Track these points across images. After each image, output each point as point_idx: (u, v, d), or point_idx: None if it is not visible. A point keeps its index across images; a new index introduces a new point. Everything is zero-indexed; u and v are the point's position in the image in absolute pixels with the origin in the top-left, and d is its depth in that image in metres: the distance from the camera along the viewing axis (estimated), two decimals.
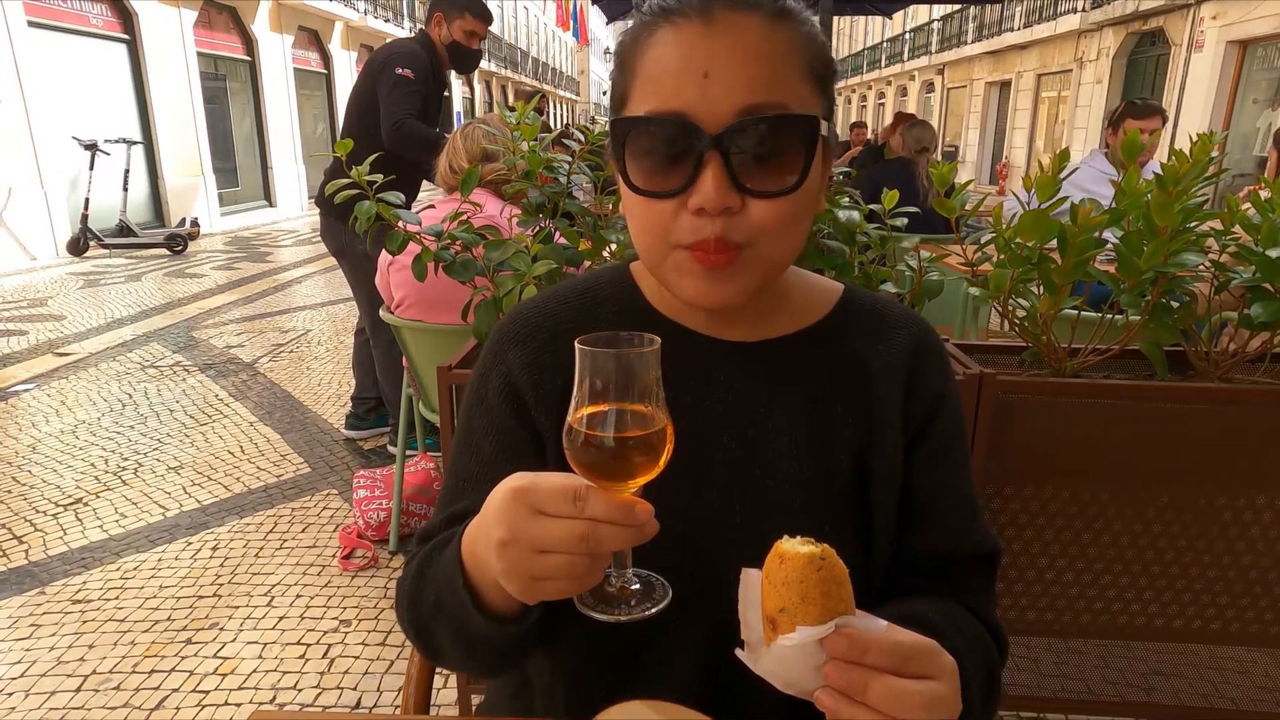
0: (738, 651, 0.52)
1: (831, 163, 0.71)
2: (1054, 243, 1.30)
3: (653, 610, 0.57)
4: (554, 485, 0.52)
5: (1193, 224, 1.21)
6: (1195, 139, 1.18)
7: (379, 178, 1.57)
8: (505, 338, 0.75)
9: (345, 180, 1.58)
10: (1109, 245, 1.30)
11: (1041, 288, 1.38)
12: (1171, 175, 1.15)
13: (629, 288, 0.79)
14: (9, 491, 2.99)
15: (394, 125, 2.95)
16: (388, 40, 3.82)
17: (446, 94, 3.36)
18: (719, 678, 0.69)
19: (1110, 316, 1.40)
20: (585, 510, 0.51)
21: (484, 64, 25.90)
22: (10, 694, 1.92)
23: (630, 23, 0.71)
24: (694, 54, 0.61)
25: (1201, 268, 1.27)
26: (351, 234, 2.88)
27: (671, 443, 0.56)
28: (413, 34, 3.28)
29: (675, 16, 0.63)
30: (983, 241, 1.47)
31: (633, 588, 0.59)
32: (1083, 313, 1.47)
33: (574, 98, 52.00)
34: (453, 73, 3.33)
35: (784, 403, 0.73)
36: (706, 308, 0.69)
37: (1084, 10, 16.25)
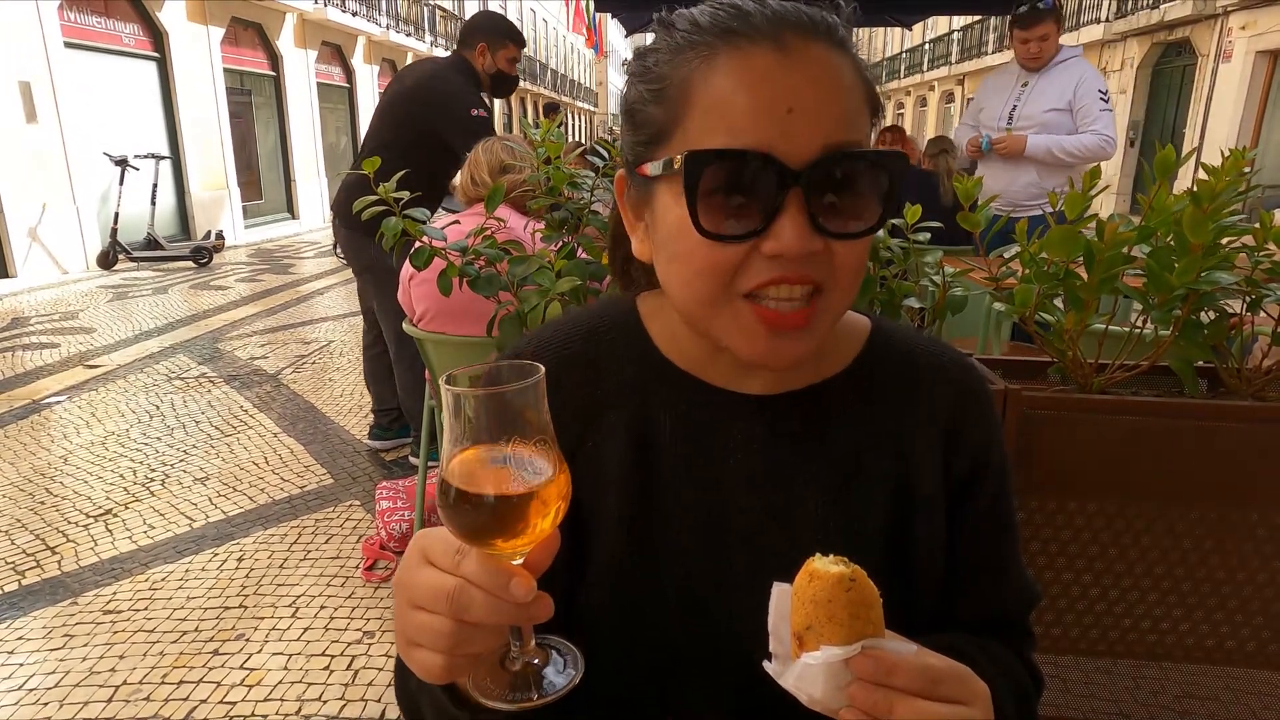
0: (765, 664, 0.51)
1: None
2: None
3: (551, 697, 0.51)
4: (449, 535, 0.48)
5: (1225, 241, 1.19)
6: (1227, 154, 1.17)
7: (405, 194, 1.59)
8: None
9: (374, 197, 1.60)
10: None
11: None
12: (1207, 192, 1.14)
13: (635, 331, 0.71)
14: (42, 503, 3.05)
15: None
16: (418, 59, 3.83)
17: None
18: None
19: (1139, 331, 1.39)
20: (460, 567, 0.46)
21: None
22: (46, 704, 1.95)
23: (653, 40, 0.64)
24: (773, 86, 0.55)
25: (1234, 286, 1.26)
26: (380, 249, 2.89)
27: (565, 500, 0.49)
28: (448, 56, 3.28)
29: (740, 40, 0.56)
30: (1007, 257, 1.46)
31: (534, 663, 0.52)
32: (1110, 328, 1.45)
33: (592, 109, 52.32)
34: None
35: (811, 463, 0.67)
36: (771, 368, 0.64)
37: (1108, 21, 16.12)
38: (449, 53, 3.35)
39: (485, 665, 0.51)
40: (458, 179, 2.50)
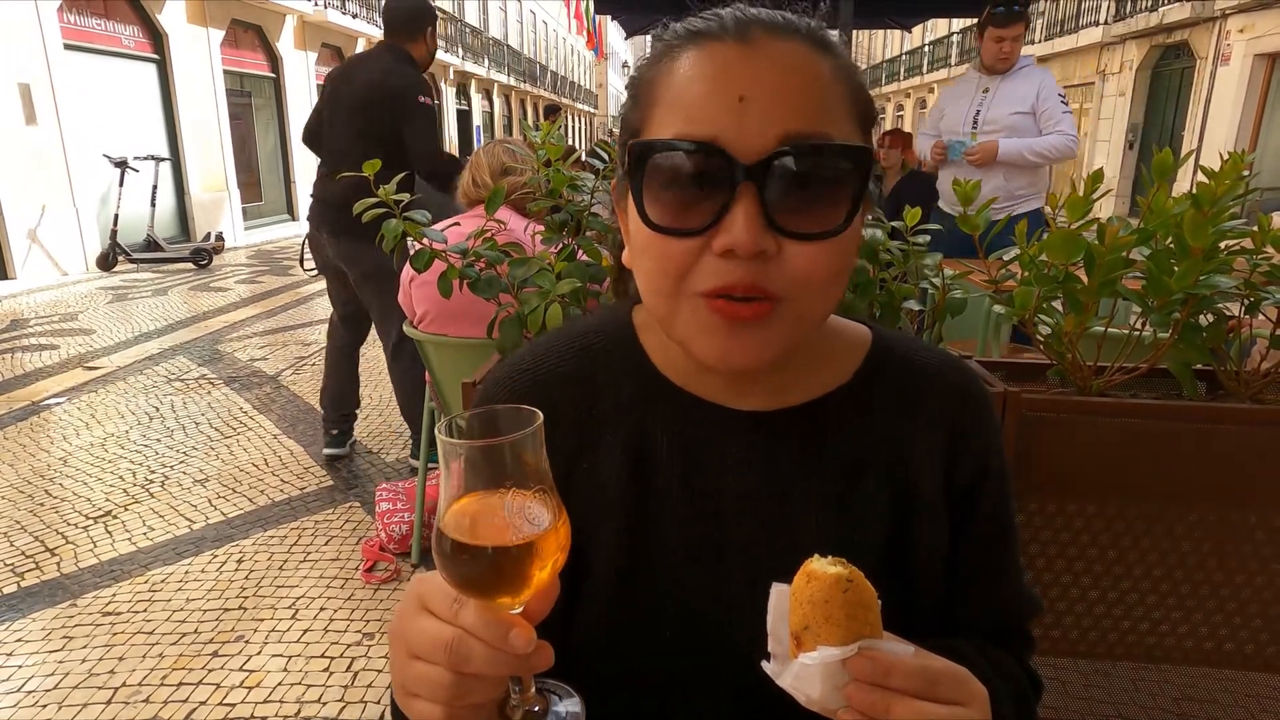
0: (763, 664, 0.51)
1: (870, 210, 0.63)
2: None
3: None
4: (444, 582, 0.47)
5: (1224, 244, 1.20)
6: (1226, 157, 1.18)
7: (405, 197, 1.59)
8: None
9: (374, 200, 1.61)
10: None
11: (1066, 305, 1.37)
12: (1207, 195, 1.14)
13: (630, 344, 0.70)
14: (41, 504, 3.05)
15: (432, 154, 3.10)
16: (351, 54, 3.82)
17: (468, 108, 3.44)
18: None
19: (1138, 333, 1.39)
20: (459, 617, 0.46)
21: (503, 78, 26.14)
22: (45, 705, 1.95)
23: (649, 43, 0.65)
24: (729, 75, 0.54)
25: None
26: (382, 253, 2.87)
27: (564, 550, 0.48)
28: (385, 48, 3.21)
29: (706, 38, 0.56)
30: (1006, 260, 1.47)
31: (534, 710, 0.51)
32: (1109, 330, 1.46)
33: (591, 110, 52.34)
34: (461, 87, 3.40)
35: (810, 479, 0.65)
36: (728, 370, 0.59)
37: (1106, 23, 16.14)
38: (379, 43, 3.27)
39: (485, 713, 0.50)
40: (465, 176, 2.51)
